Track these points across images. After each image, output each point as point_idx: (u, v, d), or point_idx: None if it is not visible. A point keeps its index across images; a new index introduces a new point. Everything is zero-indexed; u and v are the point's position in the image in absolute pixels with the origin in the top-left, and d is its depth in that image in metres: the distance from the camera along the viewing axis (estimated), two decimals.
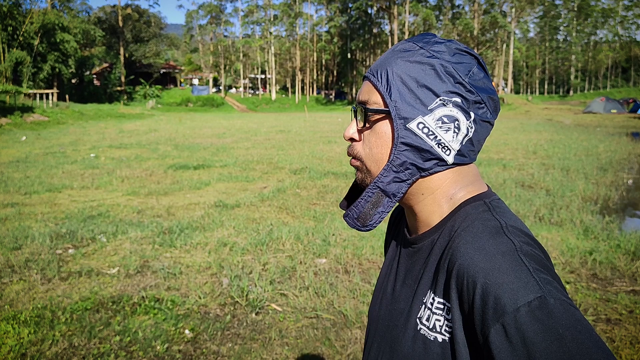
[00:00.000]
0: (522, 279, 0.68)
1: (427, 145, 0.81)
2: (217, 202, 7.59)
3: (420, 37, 0.86)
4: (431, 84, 0.81)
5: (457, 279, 0.74)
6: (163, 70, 71.35)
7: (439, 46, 0.83)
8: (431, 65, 0.81)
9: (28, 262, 4.84)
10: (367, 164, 0.87)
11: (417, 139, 0.81)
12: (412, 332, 0.81)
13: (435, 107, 0.81)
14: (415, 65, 0.82)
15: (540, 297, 0.65)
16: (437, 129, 0.81)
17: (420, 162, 0.82)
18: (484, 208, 0.82)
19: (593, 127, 24.26)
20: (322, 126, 25.67)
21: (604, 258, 4.91)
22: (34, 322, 3.59)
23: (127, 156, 13.40)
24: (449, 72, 0.81)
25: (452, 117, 0.81)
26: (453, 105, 0.81)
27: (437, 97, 0.81)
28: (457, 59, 0.82)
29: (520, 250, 0.72)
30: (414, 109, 0.81)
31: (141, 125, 27.19)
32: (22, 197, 8.11)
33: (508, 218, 0.80)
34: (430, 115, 0.81)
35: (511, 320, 0.65)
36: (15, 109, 26.09)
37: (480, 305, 0.69)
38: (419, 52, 0.83)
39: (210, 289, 4.25)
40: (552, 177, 9.53)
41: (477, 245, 0.75)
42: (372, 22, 67.74)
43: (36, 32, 42.52)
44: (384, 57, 0.87)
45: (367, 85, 0.87)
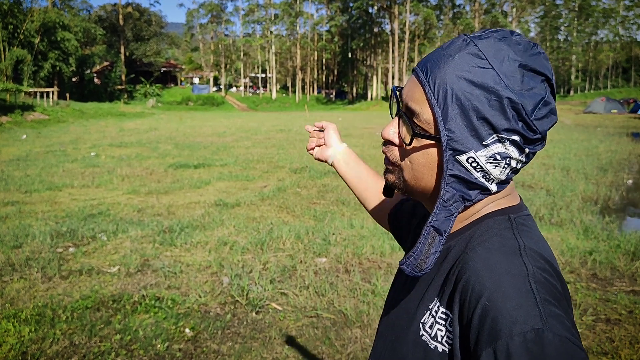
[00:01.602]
0: (525, 307, 0.64)
1: (472, 178, 0.76)
2: (218, 201, 7.59)
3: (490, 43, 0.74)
4: (493, 117, 0.72)
5: (461, 293, 0.72)
6: (164, 69, 71.38)
7: (511, 66, 0.72)
8: (498, 97, 0.71)
9: (29, 260, 4.85)
10: (405, 175, 0.83)
11: (465, 171, 0.76)
12: (413, 336, 0.81)
13: (491, 143, 0.73)
14: (480, 90, 0.72)
15: (538, 330, 0.62)
16: (486, 164, 0.75)
17: (465, 192, 0.77)
18: (506, 225, 0.78)
19: (593, 127, 24.26)
20: None
21: (604, 258, 4.91)
22: (34, 321, 3.59)
23: (127, 155, 13.41)
24: (515, 108, 0.72)
25: (506, 154, 0.74)
26: (510, 144, 0.74)
27: (495, 133, 0.73)
28: (528, 87, 0.72)
29: (533, 276, 0.68)
30: (468, 143, 0.74)
31: (142, 123, 27.19)
32: (23, 195, 8.12)
33: (529, 239, 0.76)
34: (483, 151, 0.74)
35: (503, 347, 0.62)
36: (16, 107, 26.08)
37: (477, 324, 0.67)
38: (487, 72, 0.72)
39: (210, 287, 4.26)
40: (552, 177, 9.53)
41: (489, 262, 0.72)
42: (373, 22, 67.71)
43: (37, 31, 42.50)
44: (443, 59, 0.75)
45: (420, 92, 0.78)
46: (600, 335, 3.44)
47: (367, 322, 3.64)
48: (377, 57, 69.07)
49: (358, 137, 18.50)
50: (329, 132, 1.39)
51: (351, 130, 22.00)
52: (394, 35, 60.67)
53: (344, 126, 24.70)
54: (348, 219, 6.50)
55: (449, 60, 0.74)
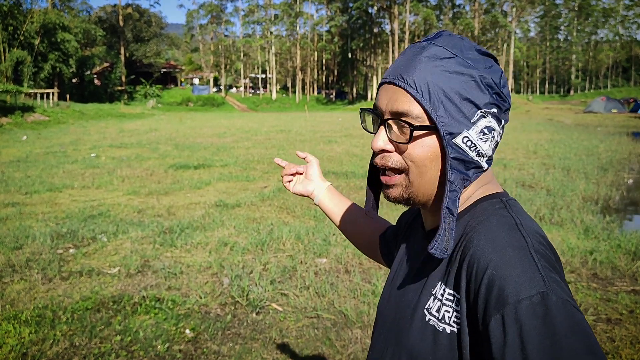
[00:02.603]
0: (529, 274, 0.69)
1: (469, 157, 0.82)
2: (218, 202, 7.59)
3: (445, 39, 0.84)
4: (473, 96, 0.80)
5: (467, 269, 0.76)
6: (164, 69, 71.41)
7: (470, 52, 0.82)
8: (472, 77, 0.80)
9: (29, 261, 4.85)
10: (411, 176, 0.85)
11: (463, 152, 0.81)
12: (419, 323, 0.83)
13: (477, 120, 0.81)
14: (455, 76, 0.80)
15: (543, 293, 0.67)
16: (478, 140, 0.82)
17: (465, 174, 0.83)
18: (500, 205, 0.84)
19: (594, 126, 24.25)
20: (323, 126, 25.67)
21: (605, 258, 4.91)
22: (35, 322, 3.59)
23: (127, 156, 13.41)
24: (487, 83, 0.81)
25: (491, 127, 0.82)
26: (491, 116, 0.82)
27: (478, 109, 0.81)
28: (488, 64, 0.83)
29: (532, 247, 0.74)
30: (460, 124, 0.80)
31: (142, 124, 27.20)
32: (23, 196, 8.12)
33: (523, 218, 0.81)
34: (473, 129, 0.81)
35: (511, 312, 0.67)
36: (16, 108, 26.09)
37: (484, 294, 0.71)
38: (455, 60, 0.81)
39: (210, 288, 4.26)
40: (552, 176, 9.53)
41: (490, 237, 0.77)
42: (373, 22, 67.72)
43: (37, 32, 42.53)
44: (412, 63, 0.82)
45: (403, 95, 0.82)
46: (601, 335, 3.44)
47: (367, 323, 3.63)
48: (377, 58, 69.08)
49: (358, 137, 18.50)
50: (313, 166, 1.38)
51: (352, 130, 21.99)
52: (394, 35, 60.69)
53: (345, 126, 24.71)
54: None
55: (417, 61, 0.82)
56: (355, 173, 10.16)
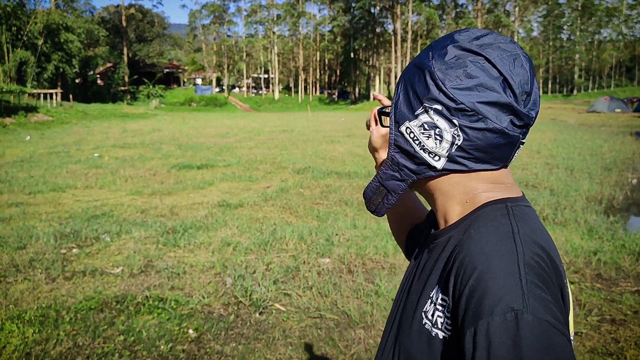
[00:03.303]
0: (508, 288, 0.66)
1: (412, 150, 0.84)
2: (221, 202, 7.59)
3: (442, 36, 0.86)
4: (419, 89, 0.82)
5: (455, 276, 0.74)
6: (166, 70, 71.51)
7: (448, 48, 0.80)
8: (422, 71, 0.82)
9: (32, 261, 4.86)
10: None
11: (405, 142, 0.84)
12: (417, 326, 0.82)
13: (420, 114, 0.82)
14: (414, 69, 0.85)
15: (518, 312, 0.64)
16: (420, 134, 0.82)
17: (411, 166, 0.85)
18: (502, 212, 0.81)
19: (597, 126, 24.19)
20: (325, 126, 25.67)
21: (609, 258, 4.89)
22: (38, 322, 3.60)
23: (130, 156, 13.43)
24: (434, 78, 0.79)
25: (432, 124, 0.80)
26: (434, 113, 0.80)
27: (421, 103, 0.81)
28: (454, 63, 0.78)
29: (523, 259, 0.70)
30: (405, 114, 0.84)
31: (144, 124, 27.23)
32: (27, 196, 8.14)
33: (526, 226, 0.77)
34: (415, 121, 0.82)
35: (483, 327, 0.65)
36: (20, 108, 26.17)
37: (464, 304, 0.69)
38: (425, 52, 0.84)
39: (213, 288, 4.26)
40: (556, 176, 9.51)
41: (480, 245, 0.74)
42: (376, 22, 67.67)
43: (40, 32, 42.63)
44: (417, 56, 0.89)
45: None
46: (605, 336, 3.42)
47: (370, 323, 3.63)
48: (380, 57, 69.04)
49: (361, 137, 18.49)
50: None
51: (354, 130, 21.98)
52: (397, 35, 60.64)
53: (347, 126, 24.69)
54: (351, 220, 6.49)
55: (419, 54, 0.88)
56: (357, 173, 10.16)
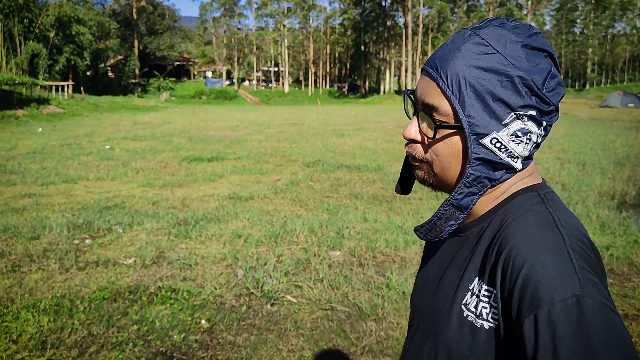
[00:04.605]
0: (565, 275, 0.68)
1: (498, 159, 0.80)
2: (231, 194, 7.62)
3: (491, 30, 0.79)
4: (508, 97, 0.77)
5: (502, 267, 0.75)
6: (177, 62, 71.60)
7: (514, 48, 0.77)
8: (509, 78, 0.76)
9: (46, 251, 4.91)
10: (435, 169, 0.86)
11: (489, 153, 0.79)
12: (457, 319, 0.82)
13: (510, 122, 0.78)
14: (491, 75, 0.77)
15: (578, 296, 0.66)
16: (509, 142, 0.79)
17: (492, 174, 0.81)
18: (537, 200, 0.82)
19: (610, 121, 23.96)
20: (335, 119, 25.63)
21: (621, 253, 4.87)
22: (53, 311, 3.64)
23: (141, 148, 13.50)
24: (527, 84, 0.76)
25: (526, 130, 0.79)
26: (527, 119, 0.78)
27: (512, 111, 0.77)
28: (534, 63, 0.77)
29: (570, 246, 0.72)
30: (488, 125, 0.78)
31: (155, 117, 27.33)
32: (39, 187, 8.21)
33: (562, 213, 0.79)
34: (504, 130, 0.78)
35: (544, 314, 0.66)
36: (32, 100, 26.34)
37: (518, 294, 0.70)
38: (495, 57, 0.77)
39: (225, 279, 4.29)
40: (567, 171, 9.44)
41: (526, 236, 0.75)
42: (386, 15, 67.29)
43: (52, 25, 42.82)
44: (451, 53, 0.80)
45: (435, 88, 0.81)
46: None
47: (381, 315, 3.64)
48: (390, 51, 68.71)
49: (371, 130, 18.45)
50: None
51: (364, 124, 21.94)
52: (408, 28, 60.26)
53: (357, 120, 24.65)
54: (362, 213, 6.49)
55: (456, 53, 0.79)
56: (367, 167, 10.15)
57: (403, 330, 3.44)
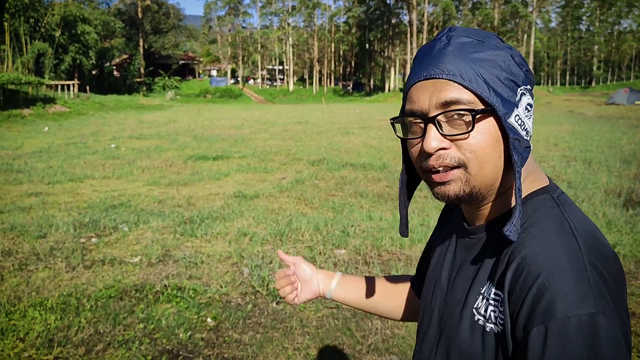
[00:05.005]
0: (581, 291, 0.68)
1: (520, 136, 0.80)
2: (237, 193, 7.64)
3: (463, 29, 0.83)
4: (513, 75, 0.80)
5: (515, 272, 0.74)
6: (182, 61, 71.71)
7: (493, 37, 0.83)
8: (507, 58, 0.80)
9: (53, 250, 4.94)
10: (472, 169, 0.79)
11: (516, 132, 0.79)
12: (468, 322, 0.82)
13: (521, 97, 0.80)
14: (493, 58, 0.79)
15: (594, 314, 0.67)
16: (525, 118, 0.81)
17: (522, 154, 0.79)
18: (552, 204, 0.81)
19: (616, 118, 23.83)
20: (340, 117, 25.62)
21: (628, 251, 4.84)
22: (60, 309, 3.66)
23: (147, 147, 13.54)
24: (519, 62, 0.81)
25: (531, 104, 0.82)
26: (528, 93, 0.82)
27: (519, 87, 0.80)
28: (509, 47, 0.83)
29: (586, 257, 0.72)
30: (510, 103, 0.79)
31: (160, 116, 27.40)
32: (46, 186, 8.25)
33: (577, 217, 0.79)
34: (520, 107, 0.80)
35: (557, 327, 0.67)
36: (38, 100, 26.45)
37: (531, 302, 0.70)
38: (485, 44, 0.80)
39: (231, 278, 4.30)
40: (573, 169, 9.41)
41: (543, 242, 0.75)
42: (391, 13, 67.15)
43: (57, 24, 42.98)
44: (443, 56, 0.79)
45: (448, 85, 0.78)
46: None
47: None
48: (395, 49, 68.58)
49: (376, 129, 18.43)
50: (301, 266, 1.26)
51: (369, 122, 21.92)
52: (412, 26, 60.12)
53: (362, 118, 24.63)
54: (367, 211, 6.49)
55: (450, 53, 0.79)
56: (372, 165, 10.14)
57: (409, 328, 3.44)
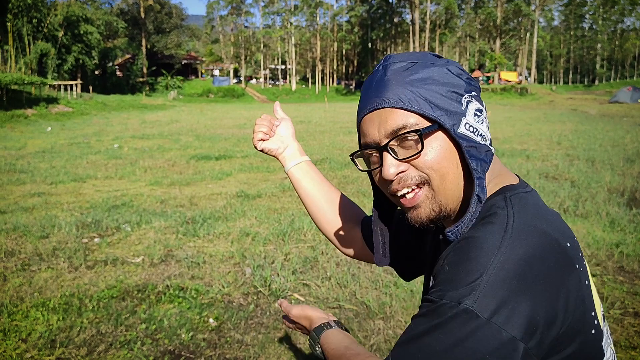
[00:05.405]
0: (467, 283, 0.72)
1: (476, 142, 0.84)
2: (239, 193, 7.63)
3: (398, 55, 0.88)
4: (453, 86, 0.84)
5: (440, 262, 0.82)
6: (184, 61, 71.79)
7: (427, 55, 0.88)
8: (443, 72, 0.84)
9: (55, 250, 4.94)
10: (435, 184, 0.84)
11: (470, 139, 0.83)
12: None
13: (467, 106, 0.84)
14: (429, 77, 0.83)
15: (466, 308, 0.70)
16: (476, 123, 0.84)
17: (483, 159, 0.84)
18: (502, 204, 0.83)
19: (619, 117, 23.76)
20: (342, 116, 25.60)
21: (631, 251, 4.82)
22: (62, 309, 3.66)
23: (149, 147, 13.55)
24: (456, 72, 0.85)
25: (480, 108, 0.86)
26: (474, 99, 0.85)
27: (462, 96, 0.84)
28: (445, 61, 0.88)
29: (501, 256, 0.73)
30: (457, 114, 0.83)
31: (163, 116, 27.43)
32: (48, 186, 8.26)
33: (525, 216, 0.79)
34: (468, 115, 0.84)
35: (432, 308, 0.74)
36: (41, 100, 26.52)
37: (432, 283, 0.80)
38: (419, 64, 0.85)
39: (233, 278, 4.29)
40: (577, 168, 9.38)
41: (471, 237, 0.78)
42: (393, 12, 67.12)
43: (60, 24, 43.10)
44: (383, 86, 0.84)
45: (392, 113, 0.83)
46: (628, 329, 3.38)
47: (389, 314, 3.63)
48: (398, 48, 68.51)
49: None
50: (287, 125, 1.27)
51: None
52: (415, 25, 60.07)
53: None
54: (369, 211, 6.48)
55: (387, 82, 0.84)
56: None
57: None
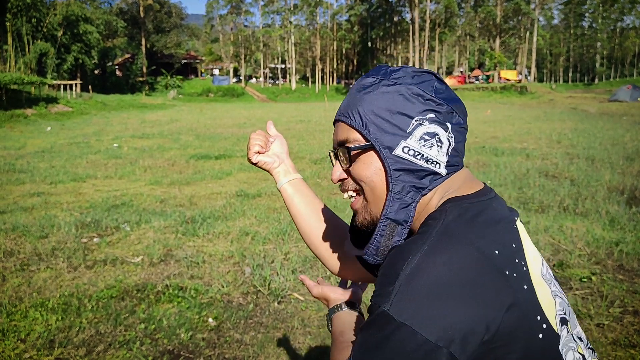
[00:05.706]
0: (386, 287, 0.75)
1: (417, 166, 0.86)
2: (239, 192, 7.63)
3: (377, 69, 0.92)
4: (403, 108, 0.85)
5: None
6: (184, 60, 71.74)
7: (397, 73, 0.89)
8: (398, 92, 0.86)
9: (55, 250, 4.94)
10: (366, 195, 0.91)
11: (407, 162, 0.85)
12: None
13: (414, 129, 0.85)
14: (382, 95, 0.87)
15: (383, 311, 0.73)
16: (421, 148, 0.85)
17: (417, 182, 0.86)
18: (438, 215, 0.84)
19: (619, 115, 23.75)
20: None
21: (631, 249, 4.81)
22: (61, 309, 3.66)
23: (149, 146, 13.54)
24: (415, 93, 0.86)
25: (432, 132, 0.85)
26: (429, 122, 0.85)
27: (412, 119, 0.85)
28: (418, 79, 0.88)
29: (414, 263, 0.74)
30: (395, 136, 0.85)
31: (163, 115, 27.42)
32: (48, 186, 8.26)
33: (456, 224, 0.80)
34: (411, 138, 0.85)
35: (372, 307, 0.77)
36: (40, 99, 26.50)
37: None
38: (381, 83, 0.88)
39: (232, 277, 4.29)
40: (576, 166, 9.37)
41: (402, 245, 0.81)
42: (393, 10, 67.08)
43: (60, 24, 43.07)
44: (350, 98, 0.92)
45: (341, 127, 0.92)
46: (628, 328, 3.38)
47: None
48: (397, 47, 68.52)
49: None
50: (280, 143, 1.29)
51: None
52: (415, 24, 60.04)
53: None
54: None
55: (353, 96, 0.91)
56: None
57: None
